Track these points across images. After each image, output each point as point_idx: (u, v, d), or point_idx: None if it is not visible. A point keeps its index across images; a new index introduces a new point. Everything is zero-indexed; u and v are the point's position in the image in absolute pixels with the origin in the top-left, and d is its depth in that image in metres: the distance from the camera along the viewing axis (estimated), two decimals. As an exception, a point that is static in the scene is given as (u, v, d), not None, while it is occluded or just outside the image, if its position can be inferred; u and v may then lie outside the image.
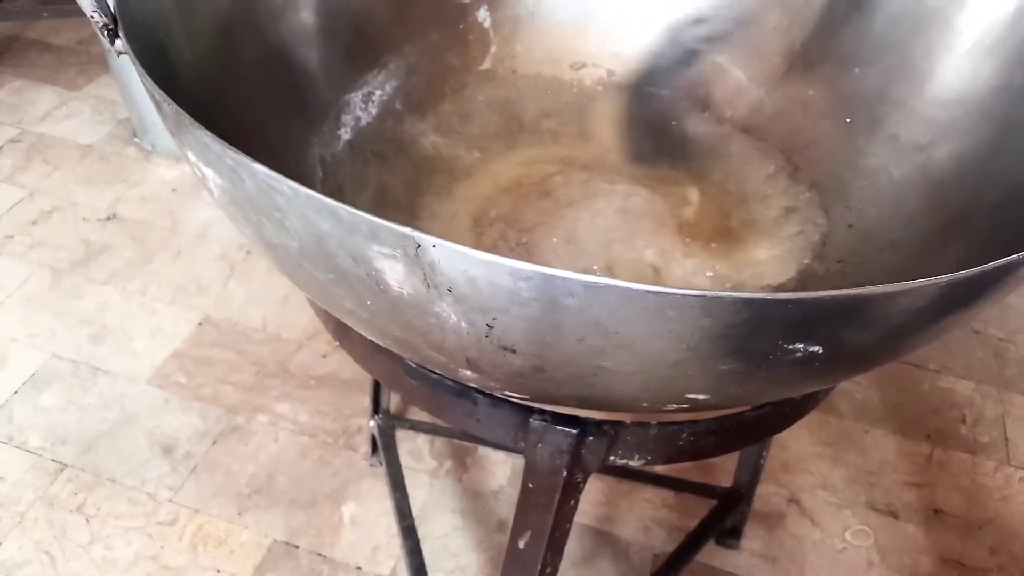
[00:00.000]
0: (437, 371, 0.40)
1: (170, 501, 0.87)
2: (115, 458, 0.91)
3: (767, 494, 0.90)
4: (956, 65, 0.52)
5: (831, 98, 0.58)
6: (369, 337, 0.38)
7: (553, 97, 0.62)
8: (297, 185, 0.27)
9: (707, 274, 0.49)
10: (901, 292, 0.26)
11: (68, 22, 1.52)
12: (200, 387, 0.99)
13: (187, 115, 0.29)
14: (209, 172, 0.31)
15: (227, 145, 0.28)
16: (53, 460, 0.90)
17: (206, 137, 0.29)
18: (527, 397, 0.35)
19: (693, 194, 0.57)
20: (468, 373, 0.33)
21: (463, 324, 0.28)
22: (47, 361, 1.01)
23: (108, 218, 1.20)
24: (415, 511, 0.85)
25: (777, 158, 0.59)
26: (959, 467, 0.95)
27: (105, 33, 0.34)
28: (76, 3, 0.38)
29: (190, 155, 0.32)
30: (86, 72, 1.44)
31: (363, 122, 0.57)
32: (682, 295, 0.25)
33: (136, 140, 1.31)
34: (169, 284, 1.11)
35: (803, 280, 0.49)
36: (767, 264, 0.51)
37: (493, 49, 0.62)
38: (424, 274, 0.27)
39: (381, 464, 0.88)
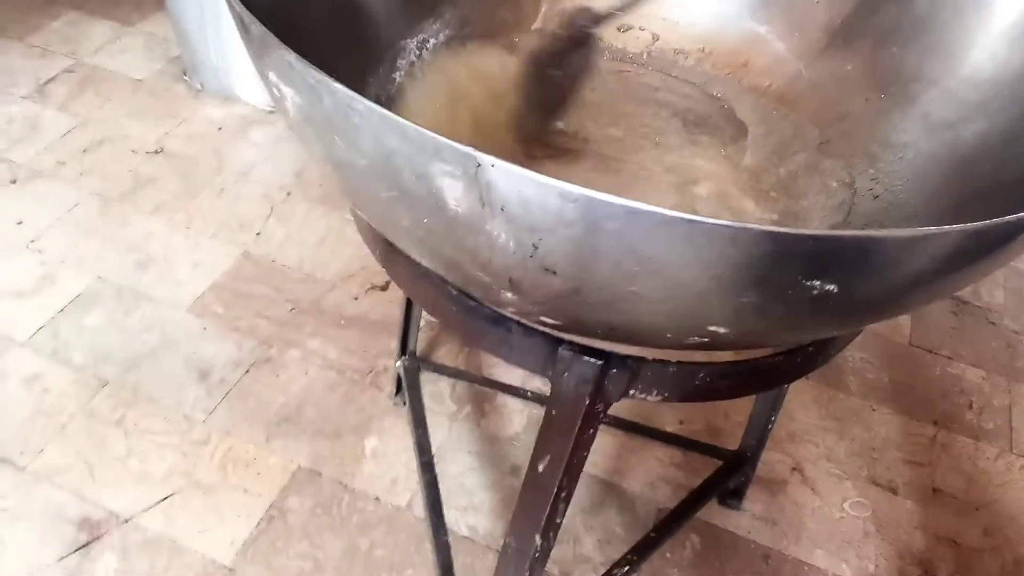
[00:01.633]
0: (477, 297, 0.43)
1: (203, 423, 0.92)
2: (154, 379, 0.96)
3: (772, 460, 0.94)
4: (991, 47, 0.53)
5: (867, 74, 0.60)
6: (419, 259, 0.41)
7: (597, 56, 0.65)
8: (372, 104, 0.30)
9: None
10: (914, 237, 0.28)
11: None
12: (237, 319, 1.04)
13: (274, 36, 0.32)
14: (289, 91, 0.34)
15: (310, 65, 0.31)
16: (95, 376, 0.95)
17: (291, 57, 0.32)
18: (560, 323, 0.38)
19: (723, 157, 0.59)
20: (509, 295, 0.36)
21: (511, 244, 0.31)
22: (93, 283, 1.05)
23: (156, 152, 1.24)
24: (433, 450, 0.89)
25: (810, 129, 0.61)
26: (962, 450, 0.97)
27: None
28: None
29: (271, 75, 0.35)
30: (140, 8, 1.48)
31: (415, 67, 0.59)
32: (713, 224, 0.28)
33: (186, 78, 1.34)
34: (212, 219, 1.15)
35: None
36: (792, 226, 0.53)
37: (544, 5, 0.65)
38: (480, 192, 0.30)
39: (404, 404, 0.92)
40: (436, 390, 0.98)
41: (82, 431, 0.90)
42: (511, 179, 0.29)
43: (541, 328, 0.42)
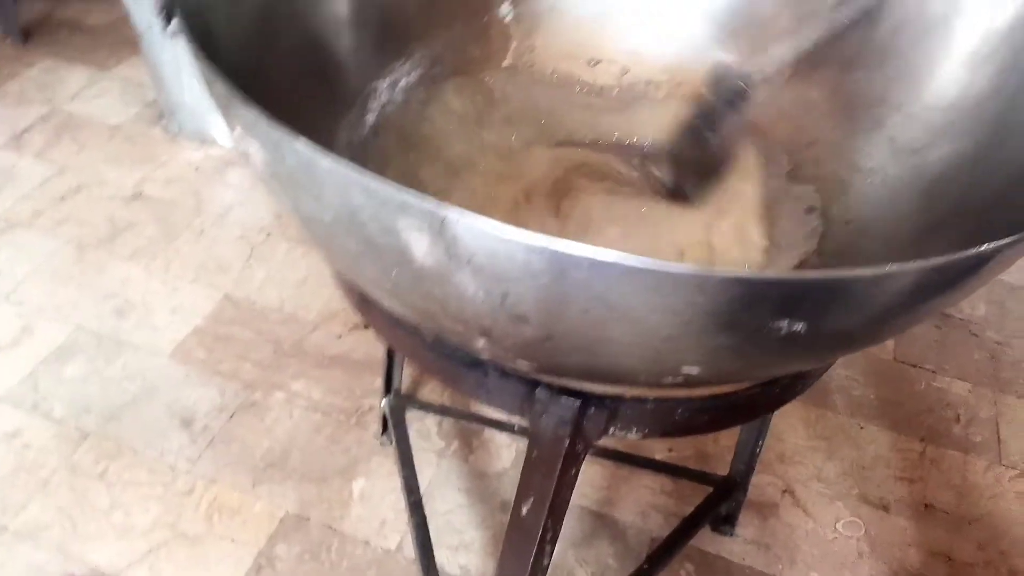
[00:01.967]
0: (453, 343, 0.43)
1: (187, 472, 0.91)
2: (136, 429, 0.95)
3: (762, 484, 0.93)
4: (954, 71, 0.54)
5: (834, 100, 0.61)
6: (391, 308, 0.41)
7: (567, 91, 0.65)
8: (335, 160, 0.30)
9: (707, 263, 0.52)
10: (877, 277, 0.28)
11: (100, 3, 1.56)
12: (219, 363, 1.03)
13: (238, 92, 0.32)
14: (254, 146, 0.34)
15: (274, 121, 0.31)
16: (76, 428, 0.94)
17: (254, 114, 0.32)
18: (535, 366, 0.38)
19: (695, 189, 0.60)
20: (482, 342, 0.36)
21: (480, 294, 0.31)
22: (72, 333, 1.04)
23: (134, 197, 1.23)
24: (422, 489, 0.88)
25: (779, 155, 0.61)
26: (951, 464, 0.97)
27: (163, 15, 0.37)
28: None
29: (237, 129, 0.35)
30: (116, 53, 1.48)
31: (388, 109, 0.60)
32: (677, 272, 0.28)
33: (163, 122, 1.34)
34: (191, 263, 1.15)
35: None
36: (767, 255, 0.53)
37: (514, 43, 0.65)
38: (446, 245, 0.30)
39: (391, 443, 0.92)
40: (423, 427, 0.97)
41: (64, 485, 0.89)
42: (476, 232, 0.29)
43: (517, 370, 0.42)
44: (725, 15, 0.65)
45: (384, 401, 0.91)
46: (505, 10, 0.65)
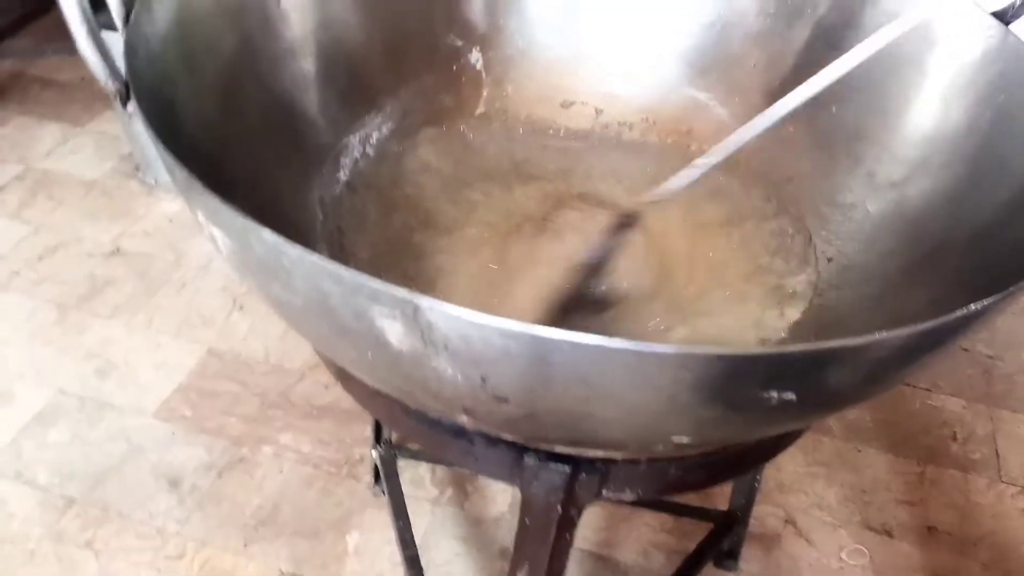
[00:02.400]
0: (435, 415, 0.42)
1: (177, 534, 0.89)
2: (122, 492, 0.93)
3: (763, 515, 0.92)
4: (927, 105, 0.54)
5: (810, 135, 0.60)
6: (370, 384, 0.40)
7: (542, 136, 0.64)
8: (303, 250, 0.29)
9: (690, 314, 0.51)
10: (861, 346, 0.28)
11: (71, 59, 1.55)
12: (205, 419, 1.01)
13: (198, 181, 0.31)
14: (218, 233, 0.33)
15: (237, 210, 0.30)
16: (61, 496, 0.92)
17: (216, 202, 0.31)
18: (522, 437, 0.37)
19: (676, 227, 0.59)
20: (465, 418, 0.35)
21: (459, 377, 0.30)
22: (53, 396, 1.02)
23: (112, 252, 1.22)
24: (418, 539, 0.86)
25: (759, 192, 0.61)
26: (951, 484, 0.96)
27: (117, 97, 0.36)
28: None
29: (200, 215, 0.34)
30: (89, 108, 1.47)
31: (361, 164, 0.59)
32: (659, 352, 0.27)
33: (139, 175, 1.33)
34: (173, 317, 1.13)
35: (787, 322, 0.51)
36: (752, 297, 0.53)
37: (485, 90, 0.65)
38: (422, 333, 0.29)
39: (384, 493, 0.90)
40: (416, 475, 0.95)
41: (51, 556, 0.86)
42: (451, 320, 0.28)
43: (505, 437, 0.41)
44: (695, 54, 0.64)
45: (374, 451, 0.89)
46: (475, 57, 0.64)
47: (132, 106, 0.36)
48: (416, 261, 0.55)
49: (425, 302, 0.27)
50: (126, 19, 0.39)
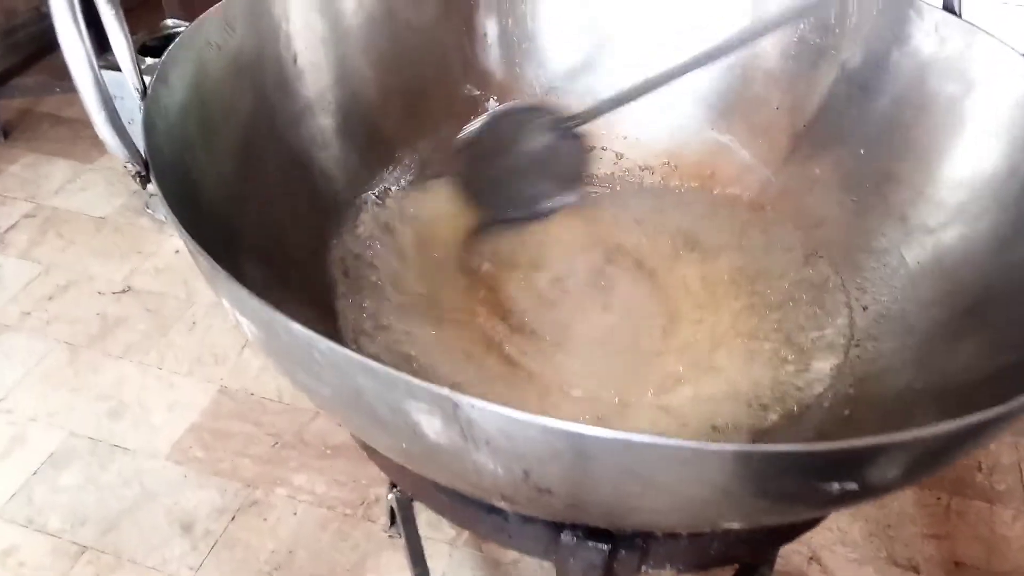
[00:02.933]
0: (467, 489, 0.41)
1: (191, 580, 0.87)
2: (135, 537, 0.91)
3: (787, 553, 0.90)
4: (961, 147, 0.53)
5: (838, 177, 0.59)
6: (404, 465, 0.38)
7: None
8: (333, 345, 0.28)
9: (703, 370, 0.49)
10: (931, 436, 0.26)
11: (79, 95, 1.54)
12: (218, 461, 1.00)
13: (223, 271, 0.30)
14: (244, 320, 0.32)
15: (263, 302, 0.29)
16: (73, 542, 0.90)
17: (242, 292, 0.30)
18: (559, 519, 0.36)
19: (693, 277, 0.58)
20: (503, 504, 0.33)
21: (500, 470, 0.29)
22: (65, 439, 1.01)
23: (123, 291, 1.21)
24: (437, 581, 0.85)
25: (786, 237, 0.59)
26: (977, 517, 0.94)
27: (138, 179, 0.35)
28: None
29: (225, 302, 0.33)
30: (98, 145, 1.44)
31: (381, 217, 0.58)
32: (715, 451, 0.25)
33: (149, 211, 1.32)
34: (185, 356, 1.12)
35: (821, 374, 0.50)
36: (771, 351, 0.51)
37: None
38: (461, 428, 0.27)
39: (400, 536, 0.88)
40: (432, 516, 0.94)
41: (63, 606, 0.85)
42: (492, 417, 0.26)
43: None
44: (716, 96, 0.63)
45: (391, 494, 0.88)
46: (492, 106, 0.63)
47: (152, 186, 0.35)
48: (436, 315, 0.54)
49: (465, 401, 0.26)
50: (143, 93, 0.38)
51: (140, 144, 0.37)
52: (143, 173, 0.35)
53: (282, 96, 0.51)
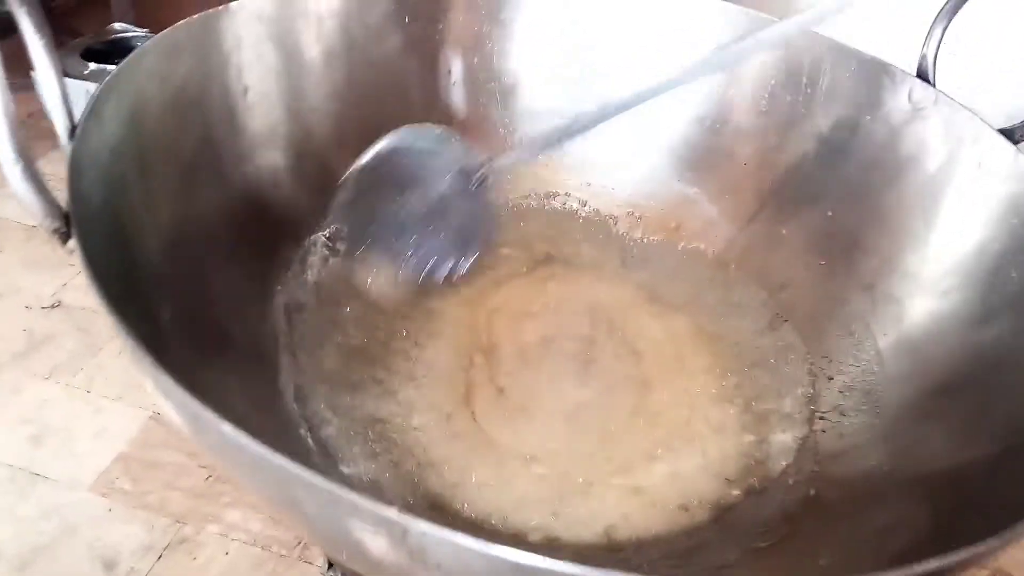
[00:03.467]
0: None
1: (112, 625, 0.82)
2: (53, 576, 0.85)
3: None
4: (931, 219, 0.52)
5: (804, 238, 0.58)
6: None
7: (523, 230, 0.61)
8: (268, 452, 0.25)
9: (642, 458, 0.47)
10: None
11: (16, 95, 1.47)
12: (146, 494, 0.94)
13: (146, 353, 0.27)
14: (169, 407, 0.28)
15: (190, 395, 0.26)
16: (-16, 581, 0.84)
17: (166, 381, 0.26)
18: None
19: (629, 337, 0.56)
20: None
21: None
22: (-19, 467, 0.94)
23: (53, 306, 1.14)
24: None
25: (749, 297, 0.58)
26: None
27: (57, 236, 0.32)
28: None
29: (149, 384, 0.29)
30: (34, 148, 1.37)
31: (331, 262, 0.55)
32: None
33: (84, 221, 1.26)
34: (116, 378, 1.06)
35: (784, 447, 0.48)
36: (748, 425, 0.49)
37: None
38: (410, 552, 0.24)
39: (339, 580, 0.84)
40: (374, 559, 0.90)
41: (-31, 651, 0.78)
42: (446, 546, 0.24)
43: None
44: (684, 148, 0.62)
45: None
46: (455, 145, 0.60)
47: (73, 243, 0.32)
48: (390, 364, 0.51)
49: (417, 526, 0.23)
50: (71, 132, 0.34)
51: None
52: (63, 231, 0.32)
53: (230, 131, 0.48)
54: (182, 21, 0.43)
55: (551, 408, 0.49)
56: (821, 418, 0.50)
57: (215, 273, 0.44)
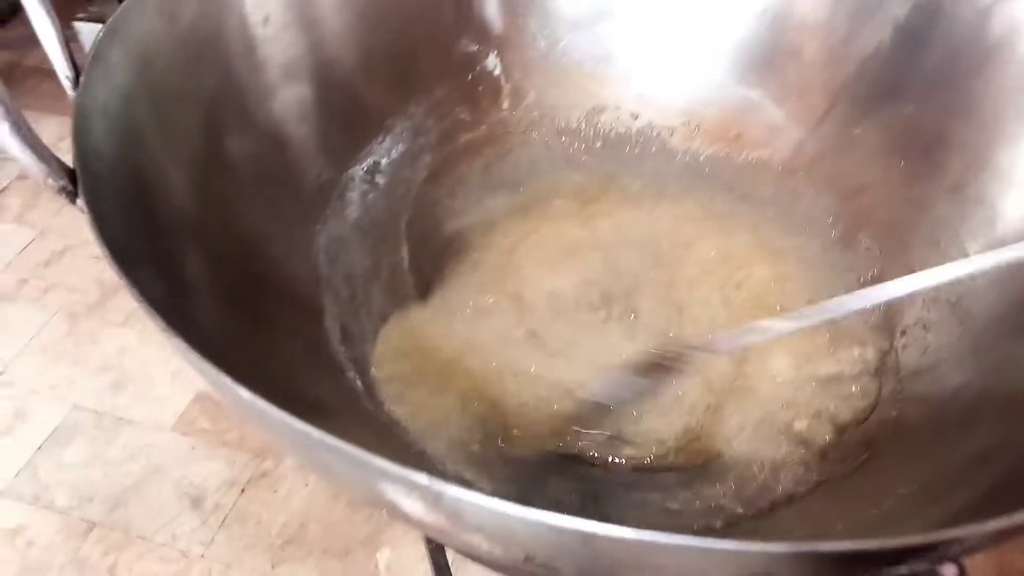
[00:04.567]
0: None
1: (202, 556, 0.85)
2: (144, 513, 0.89)
3: None
4: (1021, 107, 0.46)
5: (881, 139, 0.53)
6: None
7: (571, 152, 0.57)
8: (288, 417, 0.23)
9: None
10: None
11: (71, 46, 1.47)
12: (225, 432, 0.97)
13: (164, 320, 0.25)
14: (193, 371, 0.27)
15: (221, 372, 0.24)
16: (82, 519, 0.89)
17: (206, 366, 0.25)
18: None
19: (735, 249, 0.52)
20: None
21: (497, 551, 0.25)
22: (69, 413, 0.99)
23: (120, 254, 1.17)
24: (450, 555, 0.82)
25: (824, 208, 0.53)
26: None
27: (64, 195, 0.30)
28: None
29: (188, 363, 0.28)
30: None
31: (370, 197, 0.52)
32: (742, 552, 0.21)
33: (142, 168, 1.27)
34: (186, 322, 1.08)
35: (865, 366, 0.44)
36: (831, 353, 0.46)
37: (506, 100, 0.58)
38: (447, 514, 0.23)
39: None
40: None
41: (74, 584, 0.83)
42: (484, 511, 0.22)
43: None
44: (742, 47, 0.56)
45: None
46: (492, 63, 0.57)
47: (82, 201, 0.30)
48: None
49: (450, 491, 0.21)
50: (75, 81, 0.32)
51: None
52: (69, 188, 0.30)
53: (250, 67, 0.45)
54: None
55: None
56: (903, 333, 0.46)
57: (248, 217, 0.42)
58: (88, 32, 0.78)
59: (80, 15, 1.19)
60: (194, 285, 0.35)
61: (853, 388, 0.43)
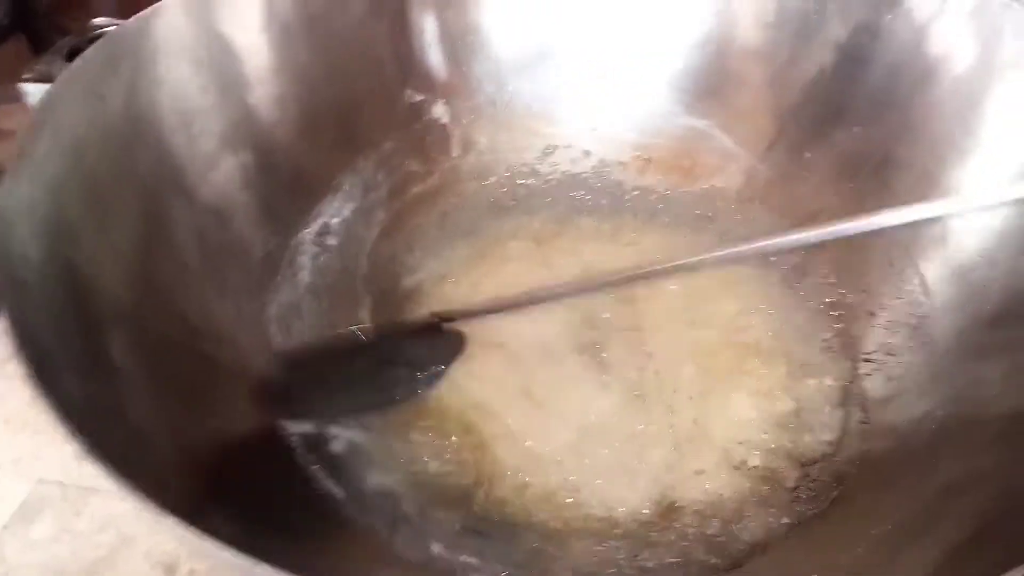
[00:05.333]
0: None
1: (180, 625, 0.83)
2: (118, 586, 0.86)
3: None
4: (972, 124, 0.47)
5: (831, 161, 0.53)
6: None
7: (526, 194, 0.57)
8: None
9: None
10: None
11: (11, 106, 1.44)
12: (197, 493, 0.94)
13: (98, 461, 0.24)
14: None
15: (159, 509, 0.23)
16: (53, 598, 0.86)
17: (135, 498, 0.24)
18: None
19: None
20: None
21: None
22: (34, 488, 0.95)
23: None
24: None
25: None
26: None
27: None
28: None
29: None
30: None
31: (322, 259, 0.51)
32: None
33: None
34: (150, 382, 1.06)
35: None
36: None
37: (455, 148, 0.57)
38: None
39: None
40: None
41: (50, 667, 0.80)
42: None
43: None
44: (688, 77, 0.56)
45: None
46: (439, 111, 0.56)
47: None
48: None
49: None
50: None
51: None
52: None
53: (187, 140, 0.44)
54: (113, 27, 0.39)
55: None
56: (866, 360, 0.46)
57: (193, 298, 0.41)
58: (35, 93, 0.75)
59: (26, 75, 1.16)
60: (133, 382, 0.33)
61: (817, 421, 0.43)
